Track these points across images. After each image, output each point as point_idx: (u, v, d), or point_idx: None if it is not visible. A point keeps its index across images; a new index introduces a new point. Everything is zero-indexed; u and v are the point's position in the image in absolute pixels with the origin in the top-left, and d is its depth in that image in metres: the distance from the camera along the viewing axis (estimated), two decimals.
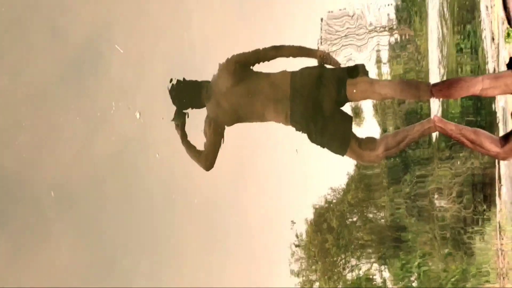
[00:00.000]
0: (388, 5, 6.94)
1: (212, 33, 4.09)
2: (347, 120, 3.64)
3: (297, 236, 6.77)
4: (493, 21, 10.04)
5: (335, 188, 7.30)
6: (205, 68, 3.87)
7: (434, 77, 7.88)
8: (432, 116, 3.69)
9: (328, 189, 7.17)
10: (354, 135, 3.65)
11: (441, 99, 6.41)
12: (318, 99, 3.55)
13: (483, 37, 9.41)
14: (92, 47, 3.10)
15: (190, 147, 3.78)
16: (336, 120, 3.59)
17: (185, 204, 3.89)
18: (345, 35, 5.51)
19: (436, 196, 7.94)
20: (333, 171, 6.61)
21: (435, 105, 7.33)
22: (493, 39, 9.86)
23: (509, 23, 11.61)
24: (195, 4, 3.95)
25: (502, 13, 10.93)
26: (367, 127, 6.57)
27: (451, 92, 3.50)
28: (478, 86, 3.41)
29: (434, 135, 7.36)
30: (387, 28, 6.76)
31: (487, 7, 9.77)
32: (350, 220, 7.65)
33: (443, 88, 3.52)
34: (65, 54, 2.95)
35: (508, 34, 11.34)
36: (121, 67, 3.29)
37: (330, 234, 7.15)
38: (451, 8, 8.81)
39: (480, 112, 8.57)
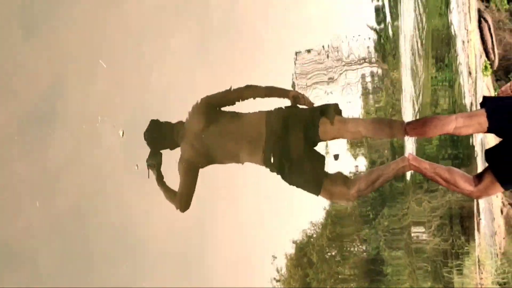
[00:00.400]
0: (364, 39, 6.98)
1: (187, 70, 4.09)
2: (320, 160, 3.61)
3: (277, 271, 6.72)
4: (470, 56, 10.12)
5: (315, 223, 7.27)
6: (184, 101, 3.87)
7: (409, 110, 7.91)
8: (406, 154, 3.67)
9: (308, 223, 7.14)
10: (328, 175, 3.62)
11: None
12: (291, 140, 3.51)
13: (459, 71, 9.46)
14: (79, 62, 3.16)
15: (165, 188, 3.73)
16: (309, 160, 3.55)
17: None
18: (318, 70, 5.52)
19: (414, 229, 7.93)
20: (313, 205, 6.59)
21: (412, 138, 7.35)
22: (469, 73, 9.92)
23: (487, 56, 11.76)
24: (174, 36, 3.97)
25: (480, 47, 11.07)
26: (341, 163, 6.56)
27: (425, 131, 3.50)
28: (452, 125, 3.41)
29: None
30: (360, 62, 6.79)
31: (463, 41, 9.85)
32: (329, 254, 7.60)
33: (417, 127, 3.52)
34: (56, 67, 2.99)
35: (486, 67, 11.48)
36: (106, 85, 3.36)
37: (310, 268, 7.11)
38: (427, 42, 8.89)
39: (458, 145, 8.60)
